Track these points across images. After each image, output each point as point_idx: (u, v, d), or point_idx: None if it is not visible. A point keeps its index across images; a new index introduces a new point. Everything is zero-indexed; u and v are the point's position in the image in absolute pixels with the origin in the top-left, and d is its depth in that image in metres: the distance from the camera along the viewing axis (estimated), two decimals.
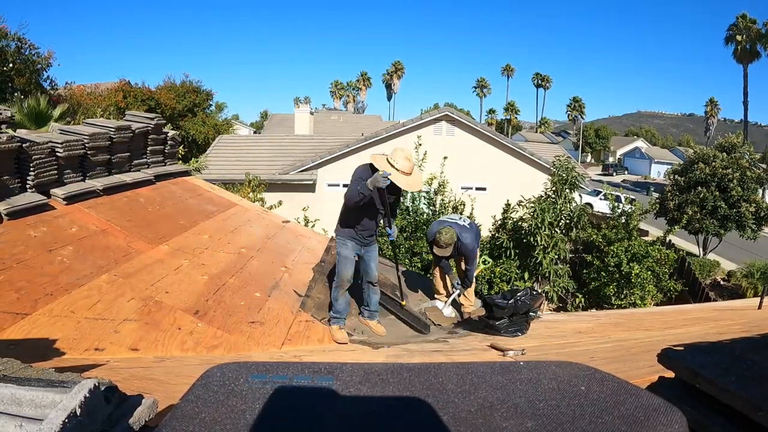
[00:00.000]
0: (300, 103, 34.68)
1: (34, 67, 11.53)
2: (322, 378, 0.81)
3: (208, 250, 3.66)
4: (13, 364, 1.07)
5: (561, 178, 8.90)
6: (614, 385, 0.80)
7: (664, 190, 16.98)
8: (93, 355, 2.07)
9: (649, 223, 15.14)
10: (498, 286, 8.54)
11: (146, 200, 4.04)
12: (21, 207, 2.91)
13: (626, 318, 4.62)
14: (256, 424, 0.70)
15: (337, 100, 66.47)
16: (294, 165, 14.31)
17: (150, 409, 0.91)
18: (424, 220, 9.12)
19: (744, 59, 38.87)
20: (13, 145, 2.92)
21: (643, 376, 1.45)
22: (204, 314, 2.75)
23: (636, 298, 8.49)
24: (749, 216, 14.54)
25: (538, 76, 66.27)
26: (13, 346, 1.89)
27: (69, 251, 2.81)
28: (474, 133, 15.36)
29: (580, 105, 59.08)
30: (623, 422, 0.71)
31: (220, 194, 5.22)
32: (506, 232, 9.20)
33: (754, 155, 16.31)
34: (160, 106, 18.30)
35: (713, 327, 3.33)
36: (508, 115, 66.46)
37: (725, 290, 14.43)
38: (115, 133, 3.91)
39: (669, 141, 77.97)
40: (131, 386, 1.51)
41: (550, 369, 0.87)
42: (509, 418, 0.73)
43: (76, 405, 0.74)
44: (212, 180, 6.73)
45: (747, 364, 0.98)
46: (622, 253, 8.53)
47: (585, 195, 20.78)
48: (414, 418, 0.74)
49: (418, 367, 0.87)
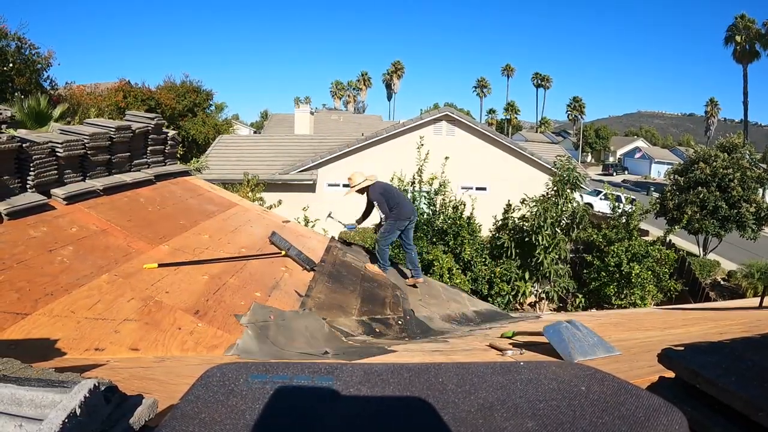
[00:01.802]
0: (300, 103, 34.69)
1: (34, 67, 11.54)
2: (322, 378, 0.81)
3: (209, 250, 3.66)
4: (13, 364, 1.07)
5: (562, 178, 8.90)
6: (614, 385, 0.80)
7: (665, 190, 16.99)
8: (93, 355, 2.07)
9: (650, 223, 15.14)
10: (498, 286, 8.55)
11: (146, 200, 4.04)
12: (21, 207, 2.91)
13: (626, 318, 4.62)
14: (256, 424, 0.70)
15: (337, 100, 66.52)
16: (294, 165, 14.31)
17: (150, 409, 0.90)
18: (424, 219, 9.12)
19: (743, 59, 38.89)
20: (13, 145, 2.92)
21: (643, 376, 1.45)
22: (204, 314, 2.75)
23: (636, 298, 8.49)
24: (749, 216, 14.55)
25: (538, 75, 66.30)
26: (13, 346, 1.89)
27: (69, 251, 2.81)
28: (474, 133, 15.37)
29: (580, 105, 59.11)
30: (623, 422, 0.71)
31: (221, 194, 5.22)
32: (507, 232, 9.20)
33: (754, 155, 16.32)
34: (160, 106, 18.31)
35: (713, 327, 3.33)
36: (508, 115, 66.48)
37: (725, 290, 14.44)
38: (115, 133, 3.91)
39: (669, 141, 78.01)
40: (131, 386, 1.51)
41: (550, 369, 0.87)
42: (509, 418, 0.73)
43: (76, 405, 0.74)
44: (212, 180, 6.73)
45: (747, 364, 0.98)
46: (623, 253, 8.53)
47: (585, 195, 20.80)
48: (414, 418, 0.74)
49: (418, 367, 0.87)
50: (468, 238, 8.73)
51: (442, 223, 9.08)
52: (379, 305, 4.01)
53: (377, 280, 4.62)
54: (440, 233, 9.01)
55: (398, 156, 12.43)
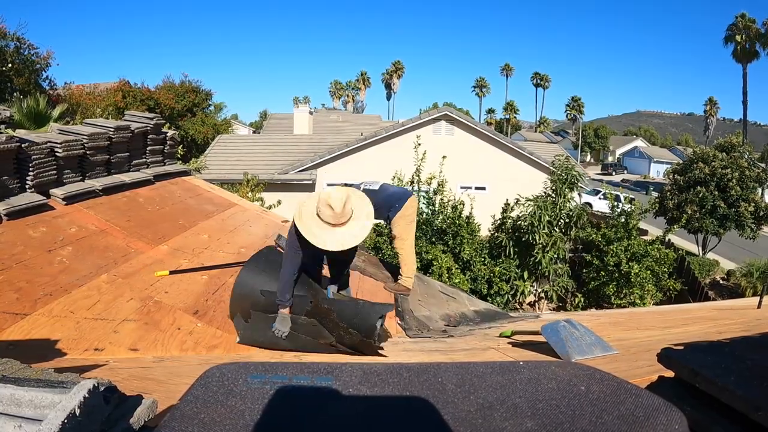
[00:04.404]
0: (299, 102, 34.64)
1: (33, 67, 11.53)
2: (322, 378, 0.81)
3: (208, 249, 3.66)
4: (12, 364, 1.07)
5: (560, 177, 8.90)
6: (614, 384, 0.80)
7: (664, 189, 17.01)
8: (92, 355, 2.07)
9: (649, 222, 15.16)
10: (497, 285, 8.56)
11: (145, 200, 4.04)
12: (20, 207, 2.90)
13: (626, 317, 4.62)
14: (255, 424, 0.70)
15: (336, 99, 66.47)
16: (293, 165, 14.30)
17: (150, 410, 0.90)
18: (423, 219, 9.12)
19: (743, 59, 38.89)
20: (12, 146, 2.92)
21: (642, 376, 1.45)
22: (203, 314, 2.75)
23: (635, 297, 8.49)
24: (748, 215, 14.57)
25: (537, 75, 66.28)
26: (12, 346, 1.89)
27: (68, 251, 2.80)
28: (473, 132, 15.36)
29: (579, 104, 59.10)
30: (623, 422, 0.71)
31: (220, 194, 5.21)
32: (505, 232, 9.21)
33: (753, 155, 16.35)
34: (159, 106, 18.31)
35: (713, 326, 3.33)
36: (507, 114, 66.46)
37: (724, 289, 14.45)
38: (114, 133, 3.91)
39: (668, 140, 78.06)
40: (131, 386, 1.51)
41: (550, 369, 0.87)
42: (509, 418, 0.73)
43: (76, 405, 0.73)
44: (211, 180, 6.72)
45: (747, 363, 0.98)
46: (622, 252, 8.53)
47: (584, 194, 20.80)
48: (414, 418, 0.74)
49: (418, 367, 0.87)
50: (467, 238, 8.73)
51: (441, 222, 9.08)
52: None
53: (377, 280, 4.61)
54: (439, 233, 9.01)
55: (397, 156, 12.42)
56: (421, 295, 4.90)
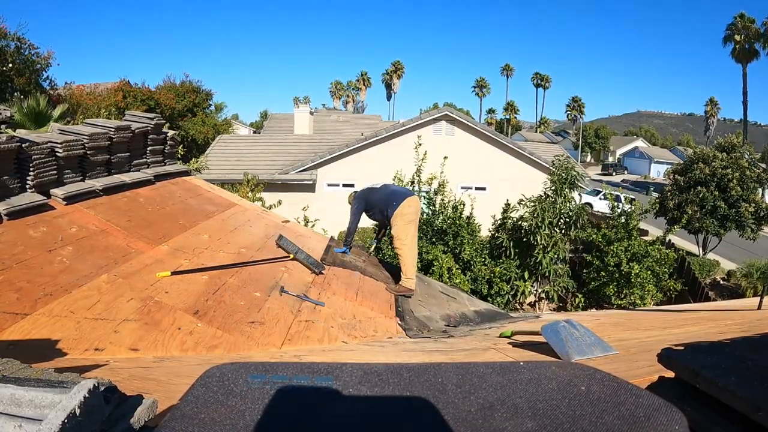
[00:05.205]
0: (300, 103, 34.66)
1: (33, 67, 11.54)
2: (322, 378, 0.81)
3: (208, 250, 3.66)
4: (12, 364, 1.07)
5: (560, 177, 8.90)
6: (614, 385, 0.80)
7: (664, 189, 17.00)
8: (93, 355, 2.07)
9: (649, 222, 15.16)
10: (498, 285, 8.56)
11: (146, 200, 4.04)
12: (21, 207, 2.91)
13: (626, 318, 4.62)
14: (255, 425, 0.70)
15: (336, 100, 66.50)
16: (294, 165, 14.31)
17: (150, 410, 0.90)
18: (423, 219, 9.12)
19: (743, 59, 38.89)
20: (12, 146, 2.92)
21: (643, 376, 1.45)
22: (204, 314, 2.75)
23: (636, 297, 8.49)
24: (749, 216, 14.56)
25: (538, 75, 66.31)
26: (12, 346, 1.88)
27: (69, 251, 2.81)
28: (474, 132, 15.37)
29: (579, 105, 59.12)
30: (623, 422, 0.71)
31: (220, 194, 5.21)
32: (506, 232, 9.21)
33: (754, 155, 16.35)
34: (159, 106, 18.33)
35: (713, 327, 3.33)
36: (507, 114, 66.49)
37: (725, 290, 14.45)
38: (115, 133, 3.91)
39: (669, 141, 78.06)
40: (131, 386, 1.51)
41: (550, 369, 0.87)
42: (509, 418, 0.73)
43: (76, 405, 0.73)
44: (212, 180, 6.73)
45: (747, 364, 0.98)
46: (622, 252, 8.53)
47: (585, 195, 20.80)
48: (414, 418, 0.74)
49: (418, 367, 0.87)
50: (467, 238, 8.73)
51: (442, 222, 9.08)
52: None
53: (377, 280, 4.62)
54: (440, 233, 9.01)
55: (398, 156, 12.42)
56: (422, 296, 4.90)
